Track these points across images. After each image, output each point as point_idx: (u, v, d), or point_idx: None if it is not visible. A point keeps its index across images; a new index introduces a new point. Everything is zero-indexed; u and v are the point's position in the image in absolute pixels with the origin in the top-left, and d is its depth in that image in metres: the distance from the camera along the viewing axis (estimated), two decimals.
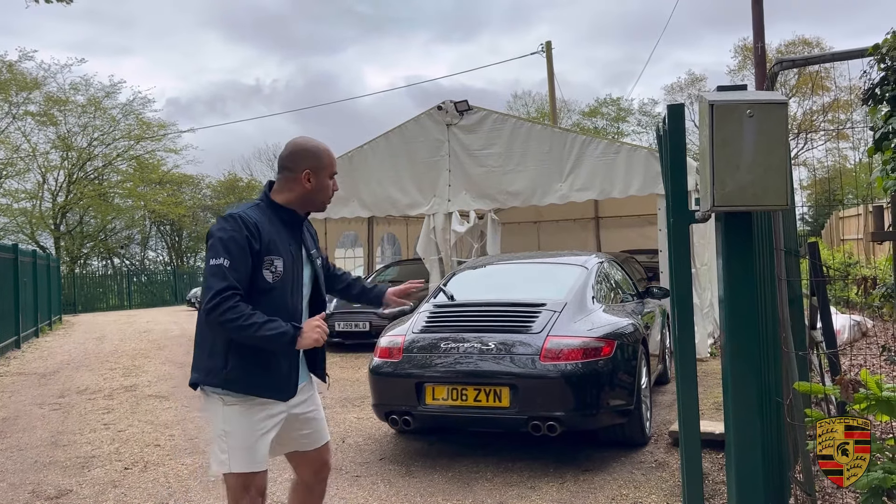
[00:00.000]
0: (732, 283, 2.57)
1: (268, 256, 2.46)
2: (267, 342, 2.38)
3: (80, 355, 11.76)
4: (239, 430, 2.50)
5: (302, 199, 2.60)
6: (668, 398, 6.42)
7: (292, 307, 2.54)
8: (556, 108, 23.19)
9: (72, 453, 5.49)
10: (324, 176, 2.59)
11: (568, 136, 10.02)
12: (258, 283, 2.45)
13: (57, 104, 29.85)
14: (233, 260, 2.38)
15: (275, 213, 2.56)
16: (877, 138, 2.94)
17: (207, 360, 2.51)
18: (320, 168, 2.59)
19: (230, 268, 2.37)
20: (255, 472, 2.51)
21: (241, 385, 2.48)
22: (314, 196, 2.60)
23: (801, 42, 35.22)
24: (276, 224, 2.54)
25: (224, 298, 2.33)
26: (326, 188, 2.61)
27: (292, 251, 2.56)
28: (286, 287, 2.52)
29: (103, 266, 36.05)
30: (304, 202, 2.61)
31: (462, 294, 5.50)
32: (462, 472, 4.61)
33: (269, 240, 2.47)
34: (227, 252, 2.38)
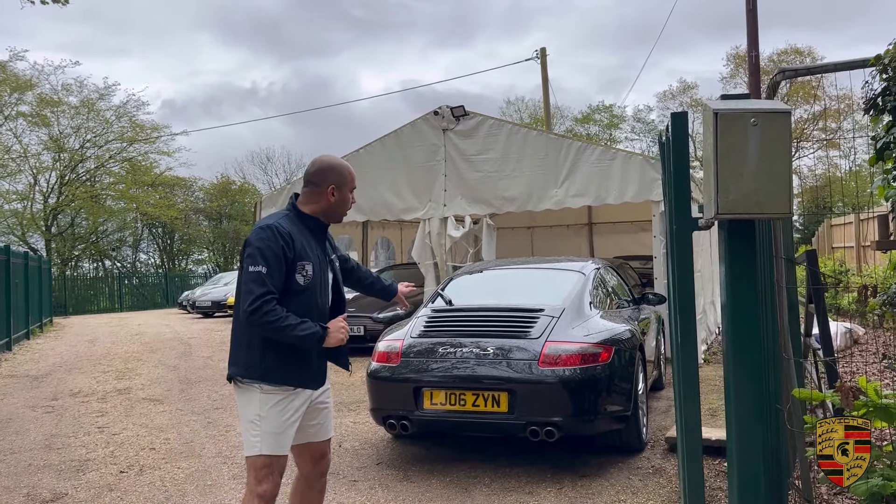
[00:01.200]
0: (735, 290, 2.60)
1: (299, 262, 2.77)
2: (300, 341, 2.70)
3: (73, 358, 11.69)
4: (272, 417, 2.78)
5: (326, 210, 2.92)
6: (664, 404, 6.45)
7: (321, 306, 2.87)
8: (550, 115, 23.26)
9: (66, 456, 5.46)
10: (346, 190, 2.91)
11: (563, 143, 10.06)
12: (291, 286, 2.76)
13: (49, 105, 29.73)
14: (270, 267, 2.68)
15: (302, 222, 2.88)
16: (879, 148, 2.97)
17: (246, 355, 2.80)
18: (343, 184, 2.90)
19: (268, 274, 2.68)
20: (280, 454, 2.81)
21: (279, 376, 2.78)
22: (337, 208, 2.92)
23: (793, 51, 35.48)
24: (305, 232, 2.85)
25: (264, 302, 2.65)
26: (347, 201, 2.93)
27: (318, 256, 2.88)
28: (315, 288, 2.84)
29: (94, 268, 35.88)
30: (328, 213, 2.93)
31: (460, 299, 5.51)
32: (460, 478, 4.61)
33: (301, 247, 2.78)
34: (265, 260, 2.69)
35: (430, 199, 10.63)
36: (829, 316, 9.09)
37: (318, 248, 2.90)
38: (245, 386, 2.81)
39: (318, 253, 2.89)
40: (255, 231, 2.78)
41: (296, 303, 2.76)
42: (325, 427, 3.07)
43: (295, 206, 2.91)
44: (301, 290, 2.79)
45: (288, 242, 2.74)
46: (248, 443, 2.83)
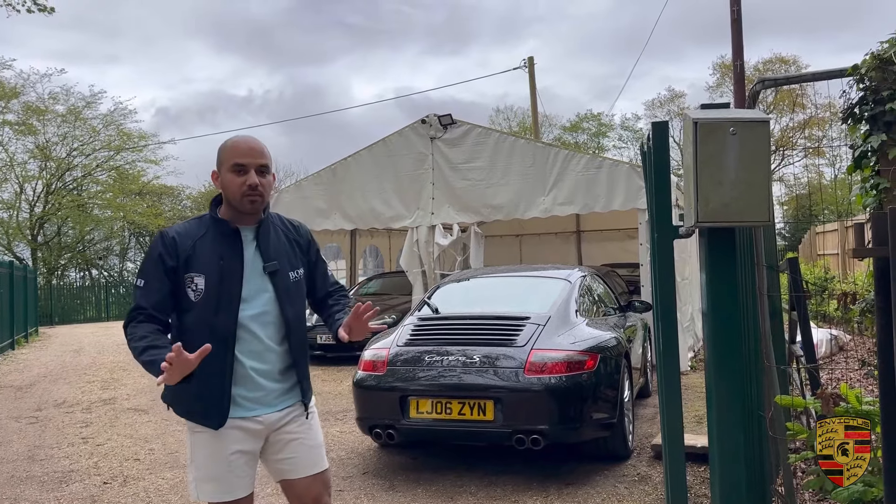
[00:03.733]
0: (715, 297, 2.61)
1: (187, 274, 2.33)
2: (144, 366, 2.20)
3: (58, 368, 11.58)
4: (203, 461, 2.38)
5: (225, 205, 2.42)
6: (650, 411, 6.46)
7: (222, 327, 2.32)
8: (538, 123, 23.36)
9: (49, 468, 5.40)
10: (223, 171, 2.36)
11: (551, 151, 10.10)
12: (182, 303, 2.35)
13: (36, 113, 29.55)
14: (147, 279, 2.32)
15: (215, 225, 2.40)
16: (856, 156, 3.01)
17: None
18: (220, 163, 2.38)
19: (143, 288, 2.32)
20: (227, 501, 2.38)
21: (179, 408, 2.41)
22: (228, 196, 2.38)
23: (778, 60, 35.82)
24: (215, 237, 2.38)
25: (128, 319, 2.30)
26: (230, 183, 2.34)
27: (224, 266, 2.35)
28: (209, 305, 2.33)
29: (81, 277, 35.58)
30: (228, 207, 2.41)
31: (446, 307, 5.51)
32: (446, 486, 4.60)
33: (189, 256, 2.33)
34: (143, 272, 2.34)
35: (418, 207, 10.64)
36: (815, 323, 9.16)
37: (228, 255, 2.36)
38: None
39: (223, 262, 2.34)
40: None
41: (188, 322, 2.35)
42: (303, 461, 2.50)
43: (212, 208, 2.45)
44: (191, 307, 2.33)
45: (170, 249, 2.32)
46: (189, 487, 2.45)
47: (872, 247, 2.11)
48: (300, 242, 2.57)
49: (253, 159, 2.33)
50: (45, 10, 11.01)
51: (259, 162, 2.34)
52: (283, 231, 2.52)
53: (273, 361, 2.42)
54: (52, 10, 11.14)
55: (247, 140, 2.37)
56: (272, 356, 2.41)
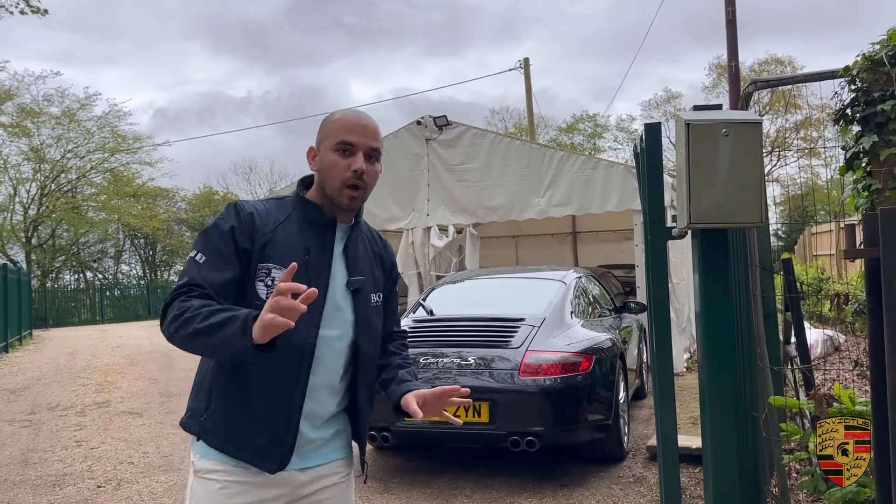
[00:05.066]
0: (708, 298, 2.61)
1: (263, 264, 1.77)
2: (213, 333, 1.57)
3: (52, 371, 11.54)
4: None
5: (318, 189, 1.88)
6: (646, 413, 6.46)
7: (300, 340, 1.75)
8: (533, 124, 23.39)
9: (43, 471, 5.38)
10: (325, 148, 1.85)
11: (546, 152, 10.11)
12: (248, 300, 1.74)
13: (30, 115, 29.48)
14: (209, 255, 1.75)
15: (303, 209, 1.87)
16: (848, 157, 3.01)
17: (195, 398, 1.85)
18: (321, 138, 1.87)
19: (203, 264, 1.74)
20: None
21: (217, 438, 1.77)
22: (325, 180, 1.85)
23: (773, 61, 35.93)
24: (301, 224, 1.85)
25: (177, 296, 1.68)
26: (331, 165, 1.82)
27: (310, 262, 1.80)
28: None
29: (75, 280, 35.50)
30: (324, 196, 1.86)
31: (441, 309, 5.51)
32: (441, 489, 4.60)
33: (268, 241, 1.79)
34: (205, 245, 1.77)
35: (414, 208, 10.63)
36: (810, 323, 9.18)
37: (314, 251, 1.82)
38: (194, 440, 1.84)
39: (308, 258, 1.80)
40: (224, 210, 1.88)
41: None
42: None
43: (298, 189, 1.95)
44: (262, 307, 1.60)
45: (246, 227, 1.77)
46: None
47: (864, 248, 2.12)
48: (385, 262, 2.07)
49: (364, 139, 1.83)
50: (39, 11, 10.98)
51: (371, 144, 1.84)
52: (370, 242, 2.02)
53: (327, 402, 1.86)
54: (45, 11, 11.12)
55: (359, 116, 1.88)
56: (328, 396, 1.85)
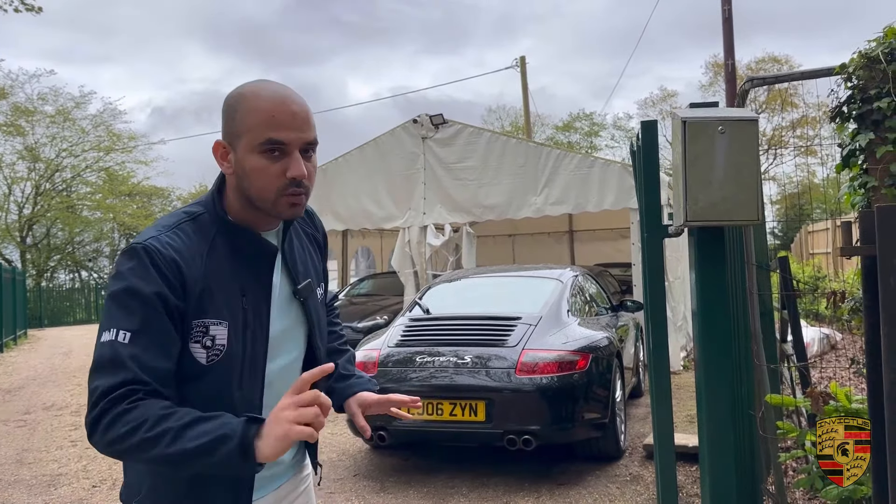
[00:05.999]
0: (705, 296, 2.61)
1: (198, 320, 1.37)
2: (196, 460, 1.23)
3: (47, 371, 11.51)
4: None
5: (241, 200, 1.43)
6: (642, 411, 6.46)
7: (246, 398, 1.44)
8: (530, 122, 23.39)
9: (38, 471, 5.36)
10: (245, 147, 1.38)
11: (543, 150, 10.10)
12: (184, 365, 1.37)
13: (24, 114, 29.39)
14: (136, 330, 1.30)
15: (229, 234, 1.44)
16: (844, 155, 3.01)
17: (130, 473, 1.49)
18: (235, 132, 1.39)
19: (131, 343, 1.29)
20: None
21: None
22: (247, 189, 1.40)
23: (770, 59, 35.98)
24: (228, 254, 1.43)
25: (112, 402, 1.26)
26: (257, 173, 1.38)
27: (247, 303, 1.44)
28: (231, 369, 1.41)
29: (71, 279, 35.41)
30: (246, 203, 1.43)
31: (438, 308, 5.50)
32: (437, 488, 4.59)
33: (203, 290, 1.37)
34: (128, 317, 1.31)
35: (410, 207, 10.62)
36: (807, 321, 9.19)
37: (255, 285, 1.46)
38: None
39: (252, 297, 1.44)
40: (119, 259, 1.38)
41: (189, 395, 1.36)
42: None
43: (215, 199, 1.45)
44: (200, 373, 1.38)
45: (173, 280, 1.33)
46: None
47: (860, 245, 2.11)
48: (318, 240, 1.71)
49: (297, 133, 1.37)
50: (33, 9, 10.94)
51: (305, 137, 1.39)
52: (301, 226, 1.65)
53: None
54: (39, 9, 11.08)
55: (284, 99, 1.38)
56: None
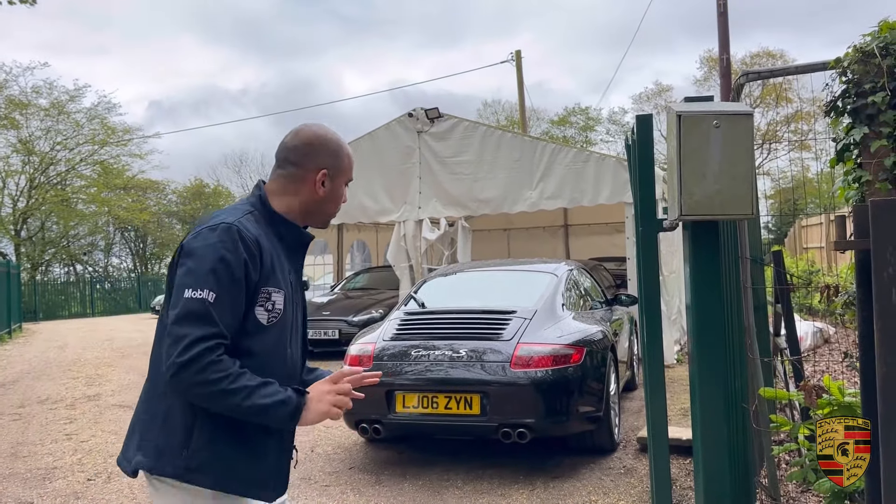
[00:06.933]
0: (699, 290, 2.62)
1: (265, 289, 1.73)
2: (259, 414, 1.63)
3: (42, 364, 11.49)
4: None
5: (307, 208, 1.87)
6: (636, 404, 6.49)
7: (291, 359, 1.83)
8: (525, 117, 23.36)
9: (32, 464, 5.35)
10: (340, 182, 1.90)
11: (538, 145, 10.10)
12: (247, 326, 1.71)
13: (18, 107, 29.24)
14: (221, 293, 1.63)
15: (273, 225, 1.83)
16: (838, 150, 3.02)
17: (159, 434, 1.71)
18: (339, 170, 1.89)
19: (216, 304, 1.62)
20: None
21: (211, 476, 1.70)
22: (325, 207, 1.89)
23: (765, 54, 36.00)
24: (274, 241, 1.82)
25: (205, 350, 1.59)
26: (339, 199, 1.92)
27: (291, 281, 1.85)
28: (285, 332, 1.80)
29: (65, 273, 35.32)
30: (308, 213, 1.88)
31: (433, 302, 5.50)
32: (432, 481, 4.60)
33: (270, 265, 1.75)
34: (217, 281, 1.63)
35: (406, 201, 10.61)
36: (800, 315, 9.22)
37: (290, 269, 1.86)
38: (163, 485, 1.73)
39: (290, 278, 1.84)
40: (203, 232, 1.71)
41: (251, 353, 1.71)
42: None
43: (263, 201, 1.85)
44: (260, 332, 1.73)
45: (254, 256, 1.70)
46: None
47: (854, 239, 2.12)
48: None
49: None
50: (27, 1, 10.88)
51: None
52: None
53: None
54: (33, 1, 11.01)
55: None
56: None
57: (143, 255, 38.26)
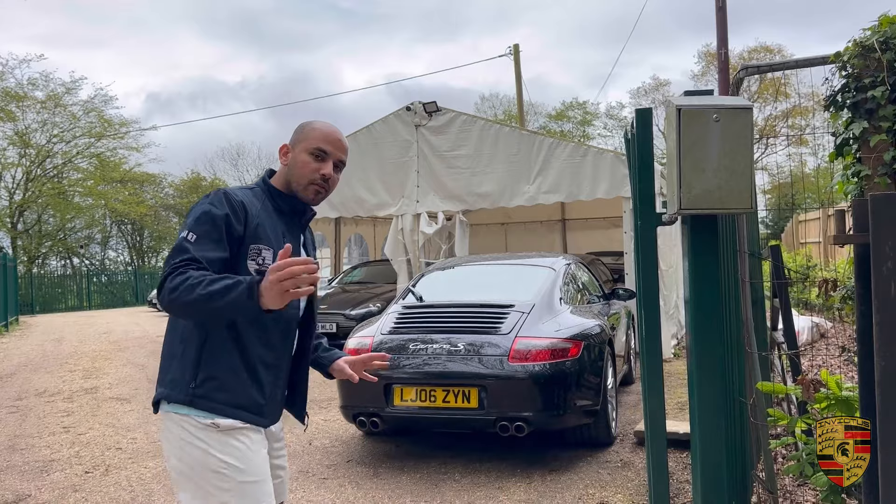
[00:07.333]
0: (698, 284, 2.62)
1: (255, 245, 2.01)
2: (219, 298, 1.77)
3: (38, 357, 11.47)
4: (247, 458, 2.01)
5: (284, 180, 2.15)
6: (633, 398, 6.50)
7: (287, 314, 2.08)
8: (523, 111, 23.33)
9: (30, 457, 5.35)
10: (300, 149, 2.12)
11: (536, 139, 10.09)
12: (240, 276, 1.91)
13: (15, 99, 29.12)
14: (201, 234, 1.92)
15: (270, 198, 2.14)
16: (838, 144, 3.02)
17: (175, 370, 2.04)
18: (297, 141, 2.15)
19: (195, 242, 1.90)
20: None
21: (212, 401, 1.99)
22: (292, 175, 2.13)
23: (763, 49, 35.97)
24: (271, 212, 2.11)
25: (174, 268, 1.84)
26: (303, 164, 2.10)
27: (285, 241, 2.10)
28: None
29: (62, 266, 35.26)
30: (289, 183, 2.14)
31: (431, 295, 5.50)
32: (430, 474, 4.61)
33: (258, 224, 2.02)
34: (198, 226, 1.93)
35: (403, 195, 10.60)
36: (796, 310, 9.25)
37: (287, 234, 2.14)
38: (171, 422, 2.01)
39: (286, 239, 2.11)
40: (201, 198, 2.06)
41: None
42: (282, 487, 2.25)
43: (265, 179, 2.20)
44: None
45: (239, 214, 1.98)
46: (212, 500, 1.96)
47: (853, 233, 2.12)
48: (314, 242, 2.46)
49: (337, 151, 2.16)
50: None
51: (341, 157, 2.18)
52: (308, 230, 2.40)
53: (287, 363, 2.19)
54: None
55: (335, 130, 2.19)
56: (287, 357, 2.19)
57: (139, 248, 38.19)
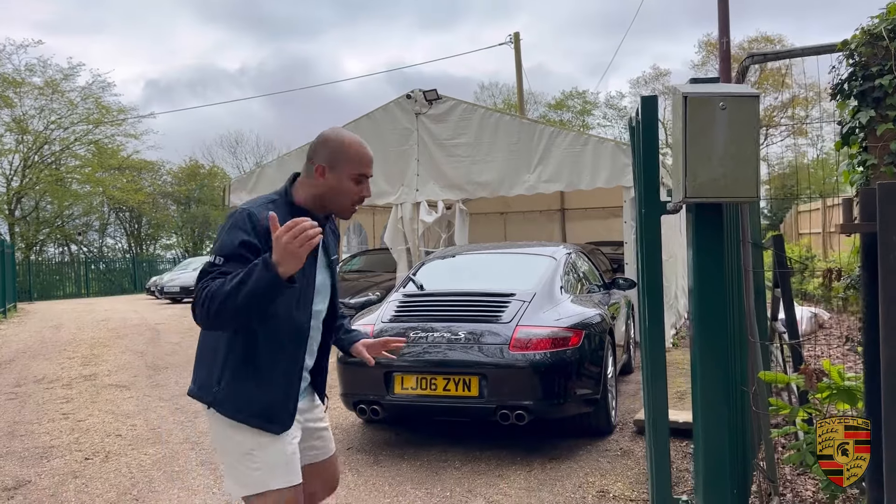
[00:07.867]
0: (702, 273, 2.61)
1: None
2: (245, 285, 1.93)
3: (37, 344, 11.47)
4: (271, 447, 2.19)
5: (316, 198, 2.23)
6: (633, 387, 6.52)
7: (298, 323, 2.23)
8: (523, 100, 23.25)
9: (29, 443, 5.36)
10: (344, 174, 2.20)
11: (536, 128, 10.05)
12: None
13: (12, 86, 28.95)
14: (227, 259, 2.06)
15: (290, 213, 2.17)
16: (844, 133, 3.00)
17: (204, 371, 2.25)
18: (339, 163, 2.19)
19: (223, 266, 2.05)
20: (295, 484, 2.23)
21: (230, 407, 2.17)
22: (332, 197, 2.22)
23: (763, 39, 35.84)
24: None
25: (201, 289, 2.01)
26: (346, 191, 2.21)
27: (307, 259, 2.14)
28: (292, 295, 2.17)
29: (60, 253, 35.19)
30: (320, 202, 2.24)
31: (432, 284, 5.50)
32: (430, 461, 4.62)
33: None
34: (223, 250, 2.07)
35: (403, 183, 10.57)
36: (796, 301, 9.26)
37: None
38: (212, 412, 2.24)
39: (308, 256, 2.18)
40: (229, 216, 2.18)
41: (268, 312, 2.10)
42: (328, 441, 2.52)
43: (287, 191, 2.27)
44: None
45: (260, 235, 2.08)
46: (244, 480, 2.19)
47: (860, 222, 2.11)
48: (337, 234, 2.53)
49: (371, 170, 2.26)
50: None
51: (371, 173, 2.28)
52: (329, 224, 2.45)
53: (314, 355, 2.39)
54: None
55: (367, 148, 2.27)
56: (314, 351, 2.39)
57: (137, 235, 38.11)
